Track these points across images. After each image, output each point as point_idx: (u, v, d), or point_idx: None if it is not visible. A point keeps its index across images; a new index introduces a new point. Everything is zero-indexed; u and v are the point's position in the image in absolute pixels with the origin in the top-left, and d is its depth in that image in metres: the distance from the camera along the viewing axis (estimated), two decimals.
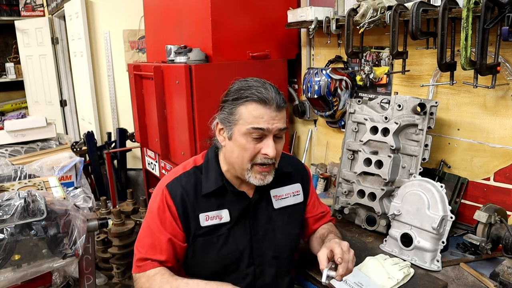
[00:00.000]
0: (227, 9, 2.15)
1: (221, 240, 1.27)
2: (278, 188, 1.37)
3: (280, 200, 1.36)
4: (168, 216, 1.24)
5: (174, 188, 1.26)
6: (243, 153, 1.19)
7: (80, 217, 1.64)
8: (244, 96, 1.18)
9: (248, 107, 1.17)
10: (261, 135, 1.18)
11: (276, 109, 1.17)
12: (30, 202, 1.51)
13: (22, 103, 5.84)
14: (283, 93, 1.23)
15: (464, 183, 1.77)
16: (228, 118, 1.21)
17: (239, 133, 1.19)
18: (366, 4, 1.78)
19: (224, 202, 1.28)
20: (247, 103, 1.17)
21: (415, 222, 1.51)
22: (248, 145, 1.18)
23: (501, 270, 1.36)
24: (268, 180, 1.23)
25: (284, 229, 1.35)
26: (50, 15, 5.12)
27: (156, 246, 1.23)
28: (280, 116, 1.18)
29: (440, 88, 1.81)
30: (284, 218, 1.36)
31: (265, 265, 1.31)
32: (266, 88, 1.18)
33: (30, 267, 1.53)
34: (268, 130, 1.17)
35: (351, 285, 1.36)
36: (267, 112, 1.16)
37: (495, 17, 1.38)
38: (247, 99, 1.17)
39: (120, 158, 3.72)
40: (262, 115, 1.16)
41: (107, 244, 2.73)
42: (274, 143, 1.19)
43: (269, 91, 1.17)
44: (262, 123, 1.16)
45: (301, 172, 1.46)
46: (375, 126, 1.74)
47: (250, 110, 1.17)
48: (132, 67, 2.58)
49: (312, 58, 2.41)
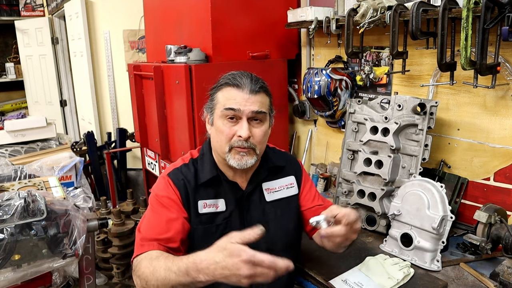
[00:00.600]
0: (227, 9, 2.15)
1: (219, 230, 1.29)
2: (270, 182, 1.40)
3: (272, 193, 1.39)
4: (172, 199, 1.27)
5: (176, 176, 1.31)
6: (220, 136, 1.26)
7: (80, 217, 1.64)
8: (220, 83, 1.29)
9: (223, 91, 1.27)
10: (235, 116, 1.24)
11: (249, 92, 1.23)
12: (30, 202, 1.51)
13: (22, 103, 5.84)
14: (266, 83, 1.30)
15: (464, 183, 1.77)
16: (210, 105, 1.32)
17: (217, 117, 1.27)
18: (366, 4, 1.78)
19: (220, 191, 1.33)
20: (222, 87, 1.27)
21: (415, 222, 1.51)
22: (224, 127, 1.25)
23: (501, 270, 1.36)
24: (246, 161, 1.25)
25: (277, 222, 1.37)
26: (50, 15, 5.12)
27: (161, 224, 1.23)
28: (254, 99, 1.24)
29: (440, 88, 1.81)
30: (277, 211, 1.37)
31: None
32: (242, 75, 1.27)
33: (30, 267, 1.53)
34: (239, 110, 1.23)
35: (351, 285, 1.36)
36: (240, 94, 1.23)
37: (495, 17, 1.38)
38: (223, 84, 1.28)
39: (120, 158, 3.72)
40: (234, 97, 1.24)
41: (107, 244, 2.74)
42: (251, 126, 1.24)
43: (243, 77, 1.26)
44: (233, 103, 1.23)
45: (294, 165, 1.48)
46: (375, 126, 1.74)
47: (224, 93, 1.26)
48: (132, 67, 2.57)
49: (312, 58, 2.41)
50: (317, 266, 1.49)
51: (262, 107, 1.25)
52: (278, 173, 1.42)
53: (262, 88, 1.26)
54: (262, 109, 1.25)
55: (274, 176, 1.41)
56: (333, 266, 1.47)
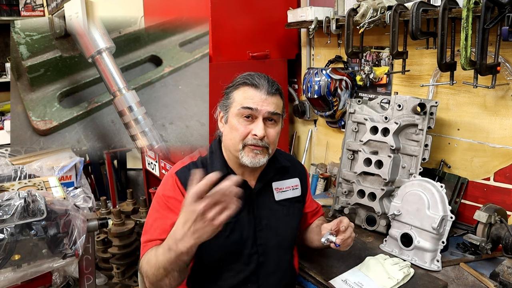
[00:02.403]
0: (227, 9, 2.15)
1: (229, 228, 1.29)
2: (279, 181, 1.42)
3: (281, 192, 1.42)
4: (179, 200, 1.26)
5: (184, 174, 1.30)
6: (234, 133, 1.27)
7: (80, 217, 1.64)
8: (238, 82, 1.30)
9: (240, 90, 1.29)
10: (251, 115, 1.26)
11: (266, 93, 1.26)
12: (30, 202, 1.50)
13: None
14: (280, 86, 1.32)
15: (464, 183, 1.77)
16: (225, 103, 1.33)
17: (232, 115, 1.28)
18: (366, 4, 1.78)
19: None
20: (240, 86, 1.29)
21: (415, 222, 1.51)
22: (239, 125, 1.26)
23: (501, 270, 1.36)
24: (259, 160, 1.27)
25: (285, 220, 1.40)
26: (50, 15, 5.11)
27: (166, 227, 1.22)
28: (270, 100, 1.26)
29: (440, 88, 1.81)
30: (284, 209, 1.40)
31: (268, 254, 1.34)
32: (260, 76, 1.29)
33: (30, 267, 1.53)
34: (257, 110, 1.25)
35: (351, 285, 1.36)
36: (257, 94, 1.26)
37: (495, 17, 1.38)
38: (240, 84, 1.29)
39: (120, 158, 3.71)
40: (252, 96, 1.26)
41: (107, 244, 2.73)
42: (266, 127, 1.26)
43: (261, 78, 1.28)
44: (251, 103, 1.25)
45: (299, 168, 1.52)
46: (375, 126, 1.74)
47: (241, 92, 1.28)
48: None
49: (312, 58, 2.41)
50: (317, 266, 1.49)
51: (277, 109, 1.28)
52: (285, 174, 1.44)
53: (278, 91, 1.30)
54: (277, 110, 1.28)
55: (281, 176, 1.43)
56: (333, 266, 1.48)
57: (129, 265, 2.66)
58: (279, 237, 1.37)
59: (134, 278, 2.70)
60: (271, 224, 1.36)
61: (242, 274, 1.30)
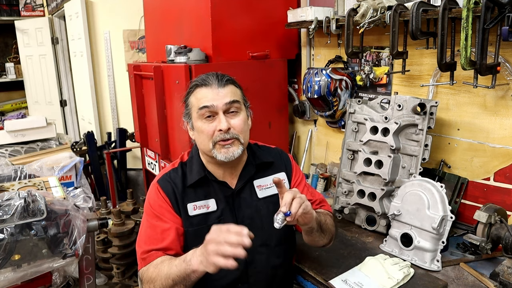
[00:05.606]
0: (227, 9, 2.15)
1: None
2: (261, 178, 1.41)
3: (264, 189, 1.41)
4: (163, 207, 1.31)
5: (164, 182, 1.34)
6: (202, 136, 1.29)
7: (80, 217, 1.64)
8: (190, 87, 1.34)
9: (194, 94, 1.32)
10: (211, 113, 1.27)
11: (217, 87, 1.27)
12: (30, 202, 1.51)
13: (22, 103, 5.84)
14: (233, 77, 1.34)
15: (464, 183, 1.77)
16: (186, 111, 1.36)
17: (195, 119, 1.31)
18: (366, 4, 1.78)
19: (210, 191, 1.35)
20: (192, 90, 1.32)
21: (415, 222, 1.51)
22: (204, 126, 1.28)
23: (501, 270, 1.36)
24: (233, 152, 1.28)
25: (270, 218, 1.34)
26: (50, 15, 5.11)
27: (157, 236, 1.28)
28: (224, 92, 1.27)
29: (440, 88, 1.81)
30: (269, 206, 1.38)
31: (254, 252, 1.31)
32: (208, 74, 1.31)
33: (30, 267, 1.53)
34: (213, 106, 1.26)
35: (351, 285, 1.36)
36: (209, 91, 1.27)
37: (495, 17, 1.38)
38: (192, 88, 1.33)
39: (120, 158, 3.72)
40: (205, 95, 1.28)
41: (107, 244, 2.74)
42: (229, 118, 1.27)
43: (209, 76, 1.30)
44: (205, 101, 1.26)
45: (284, 160, 1.50)
46: (375, 126, 1.74)
47: (195, 95, 1.31)
48: (132, 67, 2.57)
49: (312, 58, 2.41)
50: (317, 266, 1.49)
51: (234, 97, 1.29)
52: (268, 170, 1.43)
53: (229, 81, 1.31)
54: (234, 98, 1.28)
55: (264, 172, 1.42)
56: (333, 266, 1.48)
57: (129, 265, 2.66)
58: (265, 235, 1.35)
59: (134, 278, 2.70)
60: (255, 223, 1.35)
61: (232, 274, 1.29)
